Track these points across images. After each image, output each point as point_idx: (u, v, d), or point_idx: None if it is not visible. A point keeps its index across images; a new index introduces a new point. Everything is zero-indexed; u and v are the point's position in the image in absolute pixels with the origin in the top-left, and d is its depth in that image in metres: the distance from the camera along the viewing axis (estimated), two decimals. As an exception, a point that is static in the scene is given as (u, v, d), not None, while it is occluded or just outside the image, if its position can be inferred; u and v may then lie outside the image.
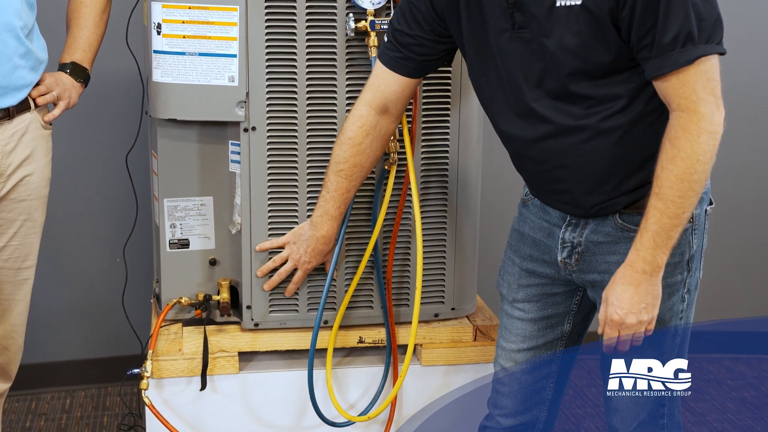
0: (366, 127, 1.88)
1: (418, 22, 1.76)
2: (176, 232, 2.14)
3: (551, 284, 1.81)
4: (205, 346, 2.09)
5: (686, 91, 1.47)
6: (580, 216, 1.70)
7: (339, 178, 1.93)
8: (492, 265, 2.83)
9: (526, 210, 1.83)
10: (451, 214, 2.19)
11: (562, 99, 1.59)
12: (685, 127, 1.47)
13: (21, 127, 2.02)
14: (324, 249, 2.03)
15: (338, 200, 1.97)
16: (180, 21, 1.99)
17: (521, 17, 1.57)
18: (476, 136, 2.17)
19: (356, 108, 1.89)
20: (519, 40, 1.58)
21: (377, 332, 2.19)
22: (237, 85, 2.02)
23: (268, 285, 2.08)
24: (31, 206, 2.08)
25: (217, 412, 2.14)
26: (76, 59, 2.13)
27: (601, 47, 1.52)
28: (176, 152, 2.10)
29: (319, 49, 2.03)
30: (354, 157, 1.91)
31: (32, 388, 2.98)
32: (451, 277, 2.22)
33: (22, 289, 2.15)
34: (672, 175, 1.48)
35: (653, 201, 1.51)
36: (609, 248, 1.69)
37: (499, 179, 2.74)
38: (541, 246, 1.79)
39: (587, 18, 1.50)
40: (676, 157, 1.48)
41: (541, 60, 1.57)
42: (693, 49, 1.45)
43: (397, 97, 1.86)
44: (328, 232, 2.01)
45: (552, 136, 1.62)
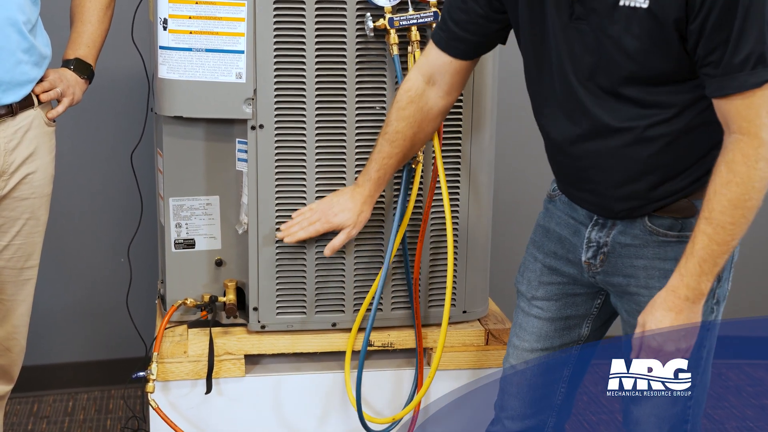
0: (411, 93, 1.85)
1: (471, 0, 1.71)
2: (182, 232, 2.13)
3: (573, 284, 1.78)
4: (210, 348, 2.07)
5: (750, 114, 1.42)
6: (607, 217, 1.67)
7: (383, 140, 1.91)
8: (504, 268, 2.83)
9: (553, 206, 1.80)
10: (464, 215, 2.17)
11: (611, 97, 1.55)
12: (743, 152, 1.43)
13: (24, 124, 2.01)
14: (358, 209, 1.97)
15: (379, 163, 1.92)
16: (187, 16, 1.98)
17: (581, 8, 1.52)
18: (489, 135, 2.15)
19: (410, 72, 1.87)
20: (575, 30, 1.54)
21: (386, 335, 2.18)
22: (244, 82, 2.01)
23: (284, 233, 2.02)
24: (34, 205, 2.08)
25: (222, 415, 2.13)
26: (80, 55, 2.12)
27: (661, 55, 1.48)
28: (182, 150, 2.08)
29: (329, 44, 2.02)
30: (397, 122, 1.87)
31: (34, 391, 2.98)
32: (463, 280, 2.20)
33: (25, 290, 2.15)
34: (725, 200, 1.44)
35: (702, 226, 1.47)
36: (636, 251, 1.66)
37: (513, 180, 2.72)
38: (566, 243, 1.76)
39: (651, 23, 1.46)
40: (731, 182, 1.44)
41: (594, 55, 1.53)
42: (764, 71, 1.41)
43: (444, 69, 1.80)
44: (369, 192, 1.96)
45: (593, 136, 1.59)
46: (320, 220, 2.00)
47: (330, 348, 2.15)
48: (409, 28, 2.00)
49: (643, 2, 1.45)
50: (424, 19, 2.00)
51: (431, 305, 2.19)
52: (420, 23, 2.00)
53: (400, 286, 2.17)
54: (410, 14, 1.99)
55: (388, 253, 2.05)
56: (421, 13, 2.00)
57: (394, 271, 2.15)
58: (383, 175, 1.95)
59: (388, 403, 2.19)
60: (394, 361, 2.21)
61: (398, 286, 2.17)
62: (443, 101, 1.86)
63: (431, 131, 1.91)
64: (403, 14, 1.99)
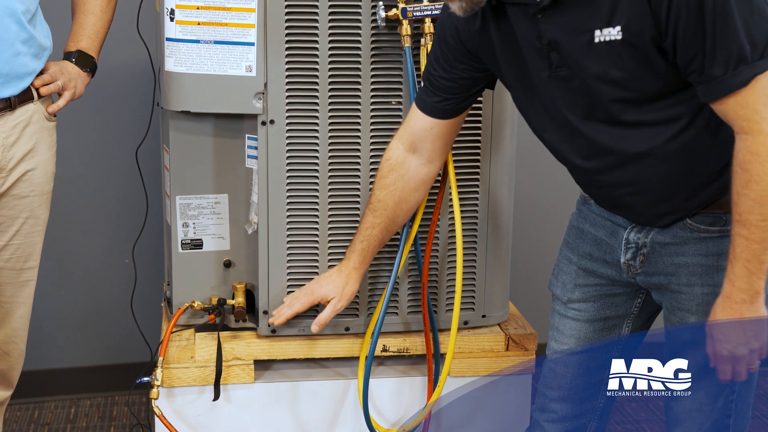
0: (391, 161, 1.89)
1: (450, 63, 1.75)
2: (189, 232, 2.12)
3: (611, 285, 1.78)
4: (218, 353, 2.06)
5: (747, 113, 1.44)
6: (646, 224, 1.68)
7: (367, 210, 1.94)
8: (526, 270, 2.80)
9: (587, 208, 1.81)
10: (483, 214, 2.15)
11: (617, 127, 1.57)
12: (753, 150, 1.45)
13: (23, 118, 2.00)
14: (342, 282, 1.99)
15: (362, 234, 1.95)
16: (195, 6, 1.97)
17: (558, 57, 1.55)
18: (509, 135, 2.13)
19: (391, 142, 1.91)
20: (558, 79, 1.57)
21: (402, 340, 2.16)
22: (254, 76, 1.99)
23: (277, 318, 2.03)
24: (34, 203, 2.07)
25: (230, 424, 2.12)
26: (82, 47, 2.12)
27: (650, 76, 1.50)
28: (189, 147, 2.07)
29: (343, 37, 2.00)
30: (378, 191, 1.91)
31: (35, 396, 2.97)
32: (482, 283, 2.18)
33: (24, 291, 2.13)
34: (749, 200, 1.47)
35: (737, 228, 1.50)
36: (676, 249, 1.65)
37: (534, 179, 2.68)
38: (602, 245, 1.76)
39: (630, 51, 1.48)
40: (749, 181, 1.46)
41: (585, 95, 1.56)
42: (747, 69, 1.42)
43: (425, 135, 1.84)
44: (352, 265, 1.97)
45: (615, 166, 1.61)
46: (306, 294, 2.02)
47: (343, 353, 2.14)
48: (423, 19, 1.97)
49: (617, 34, 1.47)
50: (439, 11, 1.95)
51: (449, 309, 2.17)
52: (435, 15, 1.97)
53: (416, 290, 2.15)
54: (425, 5, 1.97)
55: (398, 257, 2.04)
56: (436, 4, 1.96)
57: (410, 274, 2.14)
58: (367, 247, 1.96)
59: (405, 412, 2.18)
60: (411, 367, 2.20)
61: (414, 290, 2.16)
62: (426, 169, 1.89)
63: (415, 202, 1.94)
64: (417, 5, 1.96)
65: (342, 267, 1.99)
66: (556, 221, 1.88)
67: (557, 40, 1.53)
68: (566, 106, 1.59)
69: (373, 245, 1.95)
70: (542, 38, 1.54)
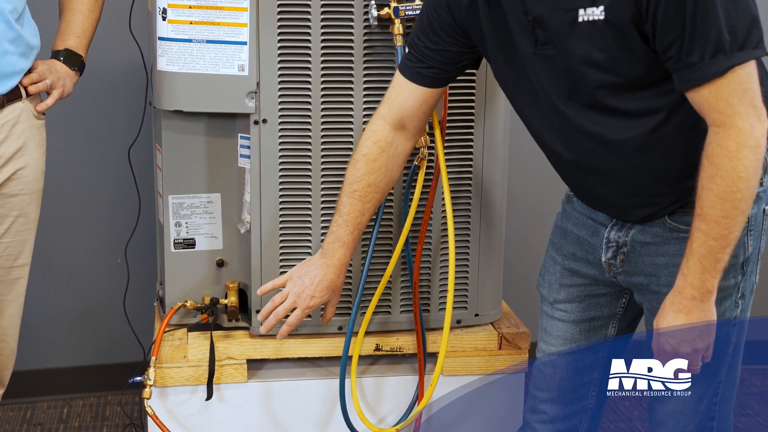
0: (381, 143, 1.83)
1: (437, 34, 1.73)
2: (181, 231, 2.12)
3: (595, 285, 1.77)
4: (211, 352, 2.06)
5: (720, 104, 1.41)
6: (626, 221, 1.67)
7: (352, 199, 1.85)
8: (519, 269, 2.80)
9: (571, 207, 1.80)
10: (476, 213, 2.15)
11: (597, 112, 1.55)
12: (722, 144, 1.42)
13: (12, 117, 2.00)
14: (335, 281, 1.90)
15: (351, 225, 1.86)
16: (187, 6, 1.97)
17: (543, 34, 1.54)
18: (502, 133, 2.13)
19: (371, 123, 1.84)
20: (543, 57, 1.56)
21: (395, 339, 2.16)
22: (247, 75, 1.99)
23: (265, 327, 1.94)
24: (24, 201, 2.06)
25: (223, 423, 2.12)
26: (70, 46, 2.12)
27: (630, 61, 1.48)
28: (182, 146, 2.07)
29: (335, 36, 2.00)
30: (368, 176, 1.84)
31: (27, 397, 2.96)
32: (475, 281, 2.18)
33: (14, 290, 2.13)
34: (713, 195, 1.44)
35: (696, 222, 1.47)
36: (656, 249, 1.64)
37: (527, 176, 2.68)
38: (585, 245, 1.75)
39: (612, 32, 1.47)
40: (715, 175, 1.43)
41: (568, 75, 1.54)
42: (724, 59, 1.39)
43: (414, 113, 1.81)
44: (340, 260, 1.88)
45: (595, 153, 1.59)
46: (299, 306, 1.90)
47: (336, 353, 2.13)
48: (415, 18, 1.96)
49: (600, 14, 1.46)
50: None
51: (442, 308, 2.16)
52: None
53: (409, 289, 2.15)
54: (416, 4, 1.96)
55: (396, 255, 2.03)
56: (428, 4, 1.94)
57: (403, 273, 2.14)
58: (357, 237, 1.88)
59: (398, 411, 2.17)
60: (404, 366, 2.20)
61: (407, 289, 2.15)
62: (411, 143, 1.87)
63: (397, 177, 1.90)
64: (409, 4, 1.96)
65: (328, 267, 1.88)
66: (549, 220, 1.88)
67: (543, 17, 1.51)
68: (550, 84, 1.57)
69: (361, 233, 1.89)
70: (528, 14, 1.53)
